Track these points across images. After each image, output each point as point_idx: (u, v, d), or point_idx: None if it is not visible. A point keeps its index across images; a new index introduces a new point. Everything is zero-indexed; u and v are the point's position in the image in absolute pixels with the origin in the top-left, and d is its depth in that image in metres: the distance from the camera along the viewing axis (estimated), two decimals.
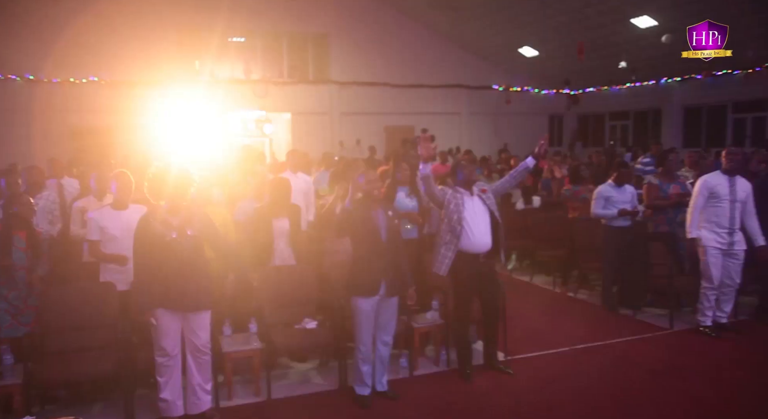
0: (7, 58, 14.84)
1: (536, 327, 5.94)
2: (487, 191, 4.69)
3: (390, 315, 4.26)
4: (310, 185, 6.71)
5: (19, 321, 4.20)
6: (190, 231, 3.76)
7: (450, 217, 4.51)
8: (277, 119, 17.69)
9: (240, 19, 16.70)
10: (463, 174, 4.64)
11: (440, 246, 4.58)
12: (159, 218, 3.75)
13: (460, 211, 4.50)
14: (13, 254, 4.23)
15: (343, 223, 4.15)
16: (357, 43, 18.21)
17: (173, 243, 3.70)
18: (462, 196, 4.56)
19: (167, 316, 3.76)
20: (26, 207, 4.27)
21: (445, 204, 4.55)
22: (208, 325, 3.90)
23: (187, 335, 3.85)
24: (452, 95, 19.51)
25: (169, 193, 3.73)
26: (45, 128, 15.07)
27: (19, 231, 4.27)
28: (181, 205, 3.78)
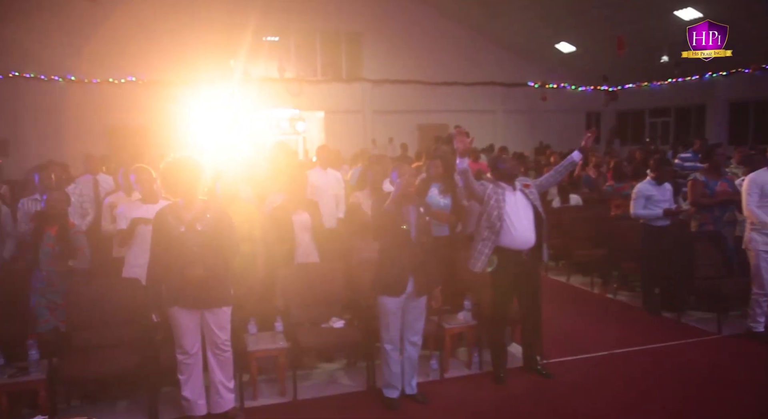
0: (50, 60, 15.13)
1: (574, 329, 5.69)
2: (531, 186, 4.49)
3: (417, 314, 4.09)
4: (340, 181, 6.59)
5: (56, 317, 4.18)
6: (200, 226, 3.64)
7: (490, 213, 4.32)
8: (310, 117, 17.69)
9: (274, 18, 16.71)
10: (505, 167, 4.44)
11: (477, 242, 4.40)
12: (173, 213, 3.66)
13: (501, 206, 4.30)
14: (41, 251, 4.21)
15: (380, 227, 3.97)
16: (390, 40, 18.06)
17: (182, 238, 3.60)
18: (503, 190, 4.36)
19: (184, 314, 3.67)
20: (56, 201, 4.23)
21: (485, 199, 4.36)
22: (227, 323, 3.79)
23: (206, 333, 3.76)
24: (486, 93, 19.18)
25: (181, 186, 3.61)
26: (84, 127, 15.34)
27: (51, 228, 4.24)
28: (195, 199, 3.67)
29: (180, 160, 3.63)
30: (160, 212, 3.70)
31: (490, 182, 4.46)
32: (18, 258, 4.83)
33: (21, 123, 15.74)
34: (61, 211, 4.27)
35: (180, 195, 3.65)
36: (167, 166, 3.62)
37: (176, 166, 3.60)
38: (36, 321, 4.15)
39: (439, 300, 4.16)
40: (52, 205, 4.21)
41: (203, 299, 3.67)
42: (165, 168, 3.63)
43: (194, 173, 3.62)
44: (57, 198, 4.24)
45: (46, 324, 4.16)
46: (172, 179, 3.59)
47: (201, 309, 3.70)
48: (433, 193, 5.29)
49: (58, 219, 4.24)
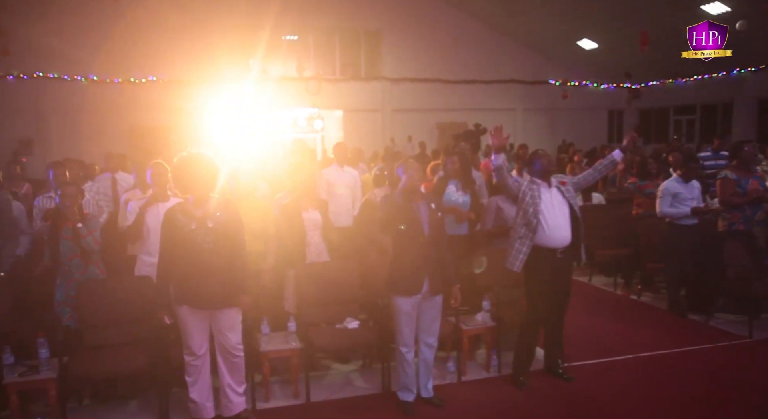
0: (73, 60, 15.29)
1: (596, 331, 5.51)
2: (567, 183, 4.33)
3: (433, 315, 3.96)
4: (356, 179, 6.49)
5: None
6: (211, 223, 3.55)
7: (525, 210, 4.17)
8: (329, 116, 17.66)
9: (293, 17, 16.68)
10: (541, 164, 4.26)
11: (515, 240, 4.24)
12: (184, 210, 3.57)
13: (536, 203, 4.14)
14: (61, 246, 4.15)
15: (387, 219, 3.85)
16: (409, 38, 17.95)
17: (192, 235, 3.51)
18: (539, 187, 4.21)
19: (191, 314, 3.58)
20: (68, 197, 4.17)
21: (520, 196, 4.21)
22: (237, 325, 3.69)
23: (215, 335, 3.67)
24: (507, 90, 18.98)
25: (192, 183, 3.52)
26: (106, 127, 15.50)
27: (68, 222, 4.19)
28: (206, 197, 3.58)
29: (192, 156, 3.54)
30: (170, 210, 3.61)
31: (524, 179, 4.32)
32: (32, 255, 4.79)
33: (45, 122, 15.99)
34: (76, 206, 4.21)
35: (191, 192, 3.55)
36: (179, 162, 3.53)
37: (188, 162, 3.52)
38: (60, 318, 4.10)
39: (459, 299, 4.02)
40: (65, 200, 4.15)
41: (212, 300, 3.57)
42: (176, 164, 3.54)
43: (206, 170, 3.53)
44: (70, 193, 4.18)
45: (71, 321, 4.11)
46: (184, 175, 3.50)
47: (210, 309, 3.61)
48: (450, 190, 5.17)
49: (72, 213, 4.18)
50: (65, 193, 4.17)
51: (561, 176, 4.44)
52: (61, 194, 4.18)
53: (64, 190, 4.20)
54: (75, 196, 4.21)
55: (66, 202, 4.13)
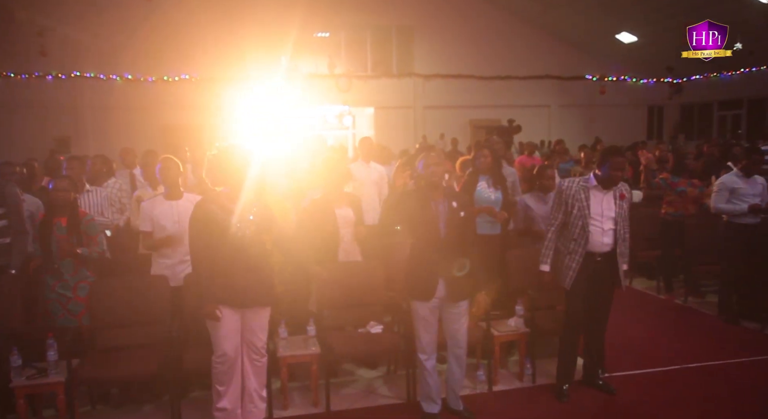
0: (109, 59, 15.53)
1: (639, 339, 5.13)
2: (626, 197, 3.92)
3: (457, 322, 3.64)
4: (383, 175, 6.23)
5: (70, 312, 3.96)
6: (252, 217, 3.39)
7: (574, 224, 3.84)
8: (360, 114, 17.58)
9: (325, 14, 16.62)
10: (609, 172, 3.77)
11: (564, 255, 3.92)
12: (218, 204, 3.39)
13: (585, 216, 3.82)
14: (53, 243, 3.94)
15: (391, 210, 3.60)
16: (442, 34, 17.66)
17: (232, 230, 3.33)
18: (588, 192, 3.84)
19: (228, 314, 3.38)
20: (61, 191, 3.94)
21: (566, 209, 3.87)
22: (267, 324, 3.51)
23: (245, 335, 3.47)
24: (541, 86, 18.53)
25: (228, 176, 3.36)
26: (140, 125, 15.65)
27: (61, 218, 3.99)
28: (241, 190, 3.41)
29: (229, 148, 3.41)
30: (200, 203, 3.44)
31: (571, 181, 3.94)
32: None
33: (82, 120, 16.23)
34: (68, 199, 3.99)
35: (226, 184, 3.40)
36: (216, 154, 3.40)
37: (225, 154, 3.38)
38: (52, 317, 3.94)
39: (482, 307, 3.67)
40: (56, 194, 3.94)
41: (250, 296, 3.39)
42: (214, 156, 3.40)
43: (243, 162, 3.38)
44: (62, 186, 3.96)
45: (63, 319, 3.93)
46: (221, 167, 3.36)
47: (243, 308, 3.41)
48: (481, 186, 4.87)
49: (66, 208, 3.98)
50: (57, 187, 3.96)
51: (624, 186, 3.95)
52: (53, 187, 3.98)
53: (56, 183, 4.00)
54: (68, 190, 3.98)
55: (57, 195, 3.93)
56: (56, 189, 3.97)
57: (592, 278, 3.90)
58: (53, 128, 15.74)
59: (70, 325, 3.89)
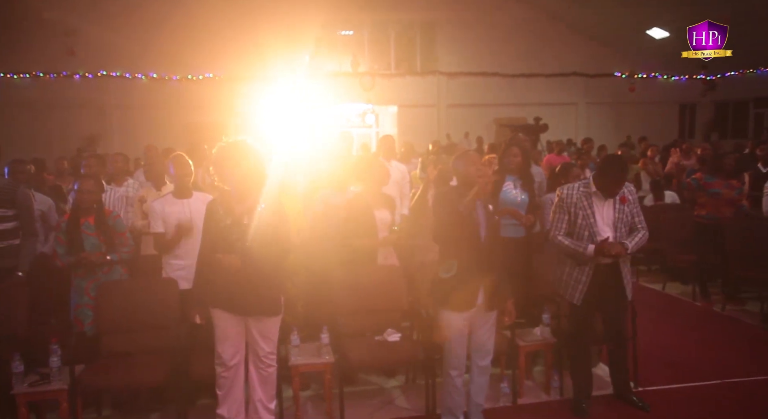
0: (134, 59, 15.61)
1: (674, 350, 4.83)
2: (629, 200, 3.65)
3: (487, 333, 3.43)
4: (405, 174, 6.02)
5: None
6: (247, 220, 3.16)
7: (580, 235, 3.60)
8: (384, 112, 17.42)
9: (349, 12, 16.50)
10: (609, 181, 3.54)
11: (571, 267, 3.68)
12: (225, 204, 3.22)
13: (591, 224, 3.58)
14: (85, 241, 3.84)
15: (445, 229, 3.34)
16: (466, 32, 17.39)
17: (224, 232, 3.15)
18: (591, 199, 3.61)
19: (226, 318, 3.21)
20: (85, 194, 3.84)
21: (569, 218, 3.64)
22: (274, 333, 3.30)
23: (249, 342, 3.29)
24: (568, 84, 18.13)
25: (233, 174, 3.14)
26: (165, 123, 15.74)
27: (88, 217, 3.90)
28: (249, 190, 3.20)
29: (234, 143, 3.17)
30: (211, 203, 3.28)
31: (571, 188, 3.69)
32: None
33: (107, 119, 16.37)
34: (94, 201, 3.90)
35: (231, 183, 3.19)
36: (220, 151, 3.17)
37: (230, 150, 3.16)
38: (81, 323, 3.80)
39: (513, 316, 3.47)
40: (81, 195, 3.84)
41: (246, 306, 3.19)
42: (218, 152, 3.18)
43: (250, 159, 3.15)
44: (87, 188, 3.86)
45: (91, 326, 3.79)
46: (225, 165, 3.15)
47: (246, 316, 3.23)
48: (508, 187, 4.61)
49: (92, 208, 3.88)
50: (82, 187, 3.87)
51: (630, 188, 3.70)
52: (78, 188, 3.89)
53: (81, 183, 3.90)
54: (93, 192, 3.89)
55: (83, 196, 3.83)
56: (81, 190, 3.86)
57: (602, 289, 3.64)
58: (80, 127, 15.92)
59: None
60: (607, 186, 3.57)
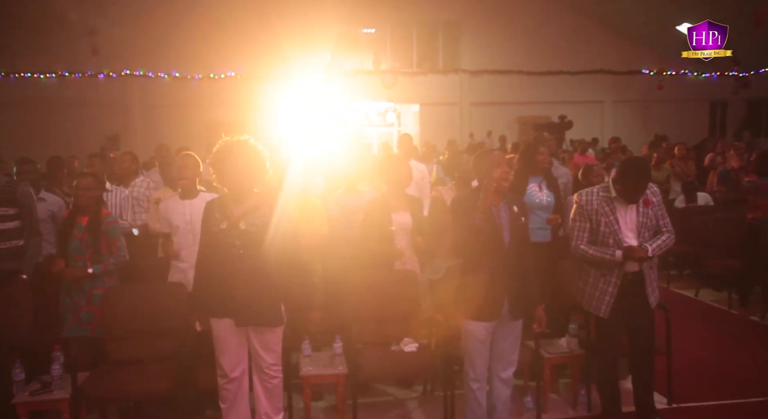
0: (157, 58, 15.71)
1: (710, 362, 4.54)
2: (652, 203, 3.40)
3: (512, 343, 3.22)
4: (424, 174, 5.81)
5: (81, 321, 3.68)
6: (244, 225, 2.99)
7: (604, 243, 3.36)
8: (405, 110, 17.29)
9: (371, 10, 16.38)
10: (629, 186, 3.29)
11: (596, 278, 3.44)
12: (221, 205, 3.04)
13: (616, 232, 3.33)
14: (70, 243, 3.70)
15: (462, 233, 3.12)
16: (489, 29, 17.12)
17: (219, 237, 2.97)
18: (613, 205, 3.37)
19: (225, 328, 3.04)
20: (81, 190, 3.69)
21: (591, 226, 3.41)
22: (276, 344, 3.12)
23: (251, 353, 3.12)
24: (594, 81, 17.71)
25: (231, 175, 2.96)
26: (187, 122, 15.83)
27: (83, 217, 3.75)
28: (247, 192, 3.03)
29: (233, 143, 2.98)
30: (208, 205, 3.10)
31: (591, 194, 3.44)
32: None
33: (131, 118, 16.51)
34: (92, 198, 3.75)
35: (228, 185, 3.02)
36: (218, 150, 2.99)
37: (227, 150, 2.97)
38: (61, 325, 3.68)
39: (543, 323, 3.26)
40: (78, 192, 3.69)
41: (247, 315, 3.02)
42: (216, 152, 3.00)
43: (247, 160, 2.96)
44: (85, 184, 3.72)
45: (69, 329, 3.67)
46: (222, 166, 2.96)
47: (242, 325, 3.06)
48: (532, 189, 4.39)
49: (89, 208, 3.73)
50: (80, 184, 3.71)
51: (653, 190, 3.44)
52: (76, 185, 3.73)
53: (79, 180, 3.75)
54: (91, 188, 3.74)
55: (81, 193, 3.68)
56: (78, 187, 3.72)
57: (627, 299, 3.40)
58: (104, 125, 16.08)
59: (79, 335, 3.63)
60: (627, 191, 3.32)
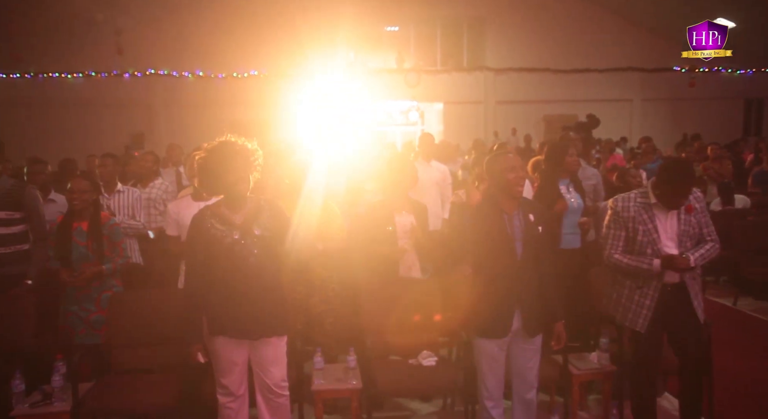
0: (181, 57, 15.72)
1: (755, 378, 4.22)
2: (695, 209, 3.11)
3: (529, 360, 2.99)
4: (446, 175, 5.59)
5: (91, 327, 3.56)
6: (258, 231, 2.80)
7: (641, 252, 3.10)
8: (429, 109, 17.02)
9: (395, 8, 16.23)
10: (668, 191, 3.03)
11: (630, 289, 3.18)
12: (217, 214, 2.81)
13: (654, 242, 3.07)
14: (73, 250, 3.55)
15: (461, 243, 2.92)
16: (515, 25, 16.81)
17: (235, 248, 2.76)
18: (652, 211, 3.11)
19: (230, 346, 2.84)
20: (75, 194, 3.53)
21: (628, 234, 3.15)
22: (282, 357, 2.93)
23: (255, 370, 2.92)
24: (623, 79, 17.26)
25: (221, 181, 2.75)
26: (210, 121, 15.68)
27: (81, 222, 3.59)
28: (242, 197, 2.81)
29: (221, 146, 2.76)
30: (198, 215, 2.85)
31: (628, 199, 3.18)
32: None
33: (155, 117, 16.58)
34: (87, 202, 3.58)
35: (225, 192, 2.81)
36: (204, 157, 2.76)
37: (216, 155, 2.74)
38: (71, 333, 3.54)
39: (563, 340, 3.04)
40: (72, 196, 3.52)
41: (256, 327, 2.83)
42: (201, 159, 2.78)
43: (240, 163, 2.74)
44: (79, 187, 3.55)
45: (83, 336, 3.54)
46: (210, 173, 2.74)
47: (251, 339, 2.87)
48: (561, 192, 4.14)
49: (86, 212, 3.58)
50: (74, 187, 3.54)
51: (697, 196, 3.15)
52: (70, 188, 3.56)
53: (73, 183, 3.56)
54: (85, 191, 3.56)
55: (75, 197, 3.51)
56: (73, 190, 3.53)
57: (670, 313, 3.13)
58: (129, 124, 16.20)
59: (91, 343, 3.50)
60: (669, 196, 3.05)
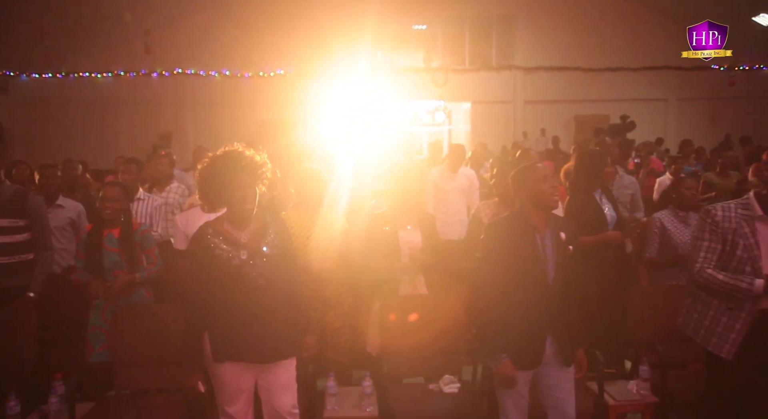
0: (208, 56, 15.76)
1: None
2: None
3: (565, 394, 2.72)
4: (472, 181, 5.32)
5: None
6: (267, 249, 2.60)
7: (739, 269, 2.73)
8: (456, 109, 16.85)
9: (422, 5, 16.01)
10: None
11: (718, 310, 2.82)
12: (220, 232, 2.61)
13: (755, 258, 2.67)
14: (105, 258, 3.43)
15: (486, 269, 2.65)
16: (546, 23, 16.42)
17: (243, 269, 2.55)
18: (753, 224, 2.74)
19: (236, 372, 2.63)
20: (107, 202, 3.43)
21: (724, 247, 2.78)
22: (292, 382, 2.73)
23: (264, 397, 2.71)
24: (658, 78, 16.73)
25: (223, 195, 2.56)
26: (237, 120, 15.85)
27: (112, 229, 3.48)
28: (249, 212, 2.61)
29: (226, 157, 2.58)
30: (197, 235, 2.64)
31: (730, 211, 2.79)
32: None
33: (182, 117, 16.63)
34: (118, 211, 3.48)
35: (230, 207, 2.62)
36: (206, 167, 2.58)
37: (220, 167, 2.57)
38: (90, 350, 3.39)
39: (584, 367, 2.78)
40: (103, 204, 3.43)
41: (266, 351, 2.63)
42: (203, 170, 2.59)
43: (246, 178, 2.56)
44: (111, 196, 3.45)
45: (100, 353, 3.38)
46: (212, 187, 2.57)
47: (263, 363, 2.67)
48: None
49: (117, 220, 3.47)
50: (106, 195, 3.43)
51: None
52: (101, 196, 3.46)
53: (105, 191, 3.47)
54: (117, 200, 3.46)
55: (107, 205, 3.41)
56: (105, 198, 3.44)
57: (765, 345, 2.77)
58: (156, 124, 16.28)
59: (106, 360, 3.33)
60: None
